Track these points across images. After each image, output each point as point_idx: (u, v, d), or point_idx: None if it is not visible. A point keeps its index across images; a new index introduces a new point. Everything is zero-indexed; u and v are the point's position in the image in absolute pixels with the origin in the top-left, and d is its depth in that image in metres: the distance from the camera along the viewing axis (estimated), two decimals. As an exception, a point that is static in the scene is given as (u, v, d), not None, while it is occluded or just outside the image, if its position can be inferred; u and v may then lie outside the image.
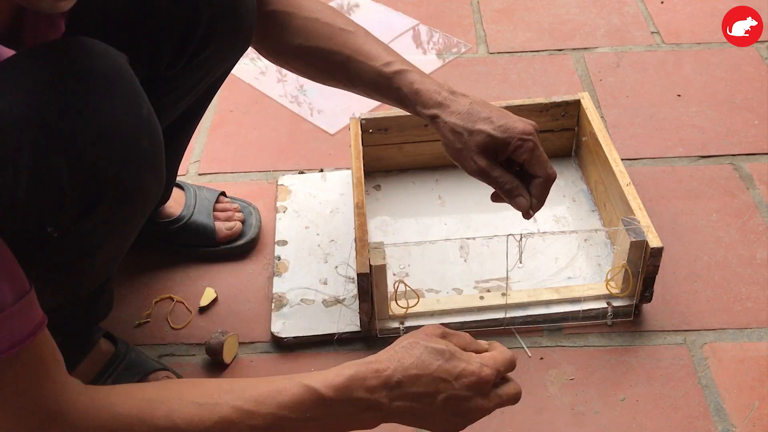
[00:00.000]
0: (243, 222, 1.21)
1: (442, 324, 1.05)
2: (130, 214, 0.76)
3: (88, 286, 0.86)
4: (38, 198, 0.65)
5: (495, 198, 0.96)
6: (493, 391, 0.75)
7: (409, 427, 0.92)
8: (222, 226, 1.18)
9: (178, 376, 1.01)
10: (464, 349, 0.76)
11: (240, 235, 1.20)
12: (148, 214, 0.80)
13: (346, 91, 1.02)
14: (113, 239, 0.79)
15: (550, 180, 0.91)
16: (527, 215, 0.93)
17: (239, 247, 1.19)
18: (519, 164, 0.93)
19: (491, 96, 1.49)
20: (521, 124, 0.89)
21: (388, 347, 0.75)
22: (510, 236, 1.02)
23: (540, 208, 0.93)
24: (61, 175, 0.65)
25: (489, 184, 0.93)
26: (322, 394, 0.69)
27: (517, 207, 0.92)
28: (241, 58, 1.02)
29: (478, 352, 0.78)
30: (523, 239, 1.02)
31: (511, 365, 0.77)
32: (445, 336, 0.77)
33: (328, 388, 0.69)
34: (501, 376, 0.76)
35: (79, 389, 0.66)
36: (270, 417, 0.67)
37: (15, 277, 0.62)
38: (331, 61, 0.97)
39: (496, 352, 0.77)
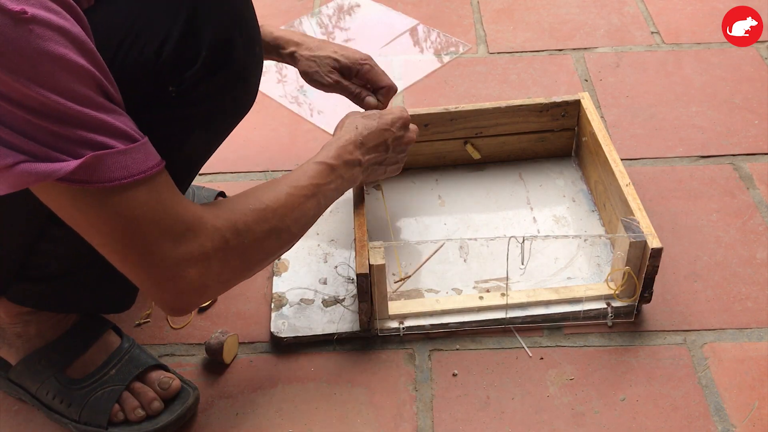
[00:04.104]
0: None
1: (442, 323, 1.07)
2: (232, 101, 0.88)
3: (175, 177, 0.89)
4: (180, 53, 0.78)
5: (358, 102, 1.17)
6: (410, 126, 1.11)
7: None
8: None
9: (178, 376, 1.01)
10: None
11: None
12: (236, 124, 0.93)
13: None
14: (207, 126, 0.88)
15: (392, 89, 1.16)
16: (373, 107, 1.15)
17: (239, 246, 1.20)
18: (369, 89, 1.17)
19: (491, 96, 1.50)
20: (359, 54, 1.15)
21: (337, 130, 1.05)
22: (512, 238, 1.02)
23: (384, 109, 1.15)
24: (204, 39, 0.79)
25: (342, 94, 1.16)
26: (330, 164, 0.98)
27: (367, 106, 1.14)
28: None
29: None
30: (526, 242, 1.02)
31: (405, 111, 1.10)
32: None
33: (332, 159, 0.99)
34: None
35: (199, 207, 0.83)
36: (311, 187, 0.95)
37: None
38: None
39: (393, 107, 1.11)
